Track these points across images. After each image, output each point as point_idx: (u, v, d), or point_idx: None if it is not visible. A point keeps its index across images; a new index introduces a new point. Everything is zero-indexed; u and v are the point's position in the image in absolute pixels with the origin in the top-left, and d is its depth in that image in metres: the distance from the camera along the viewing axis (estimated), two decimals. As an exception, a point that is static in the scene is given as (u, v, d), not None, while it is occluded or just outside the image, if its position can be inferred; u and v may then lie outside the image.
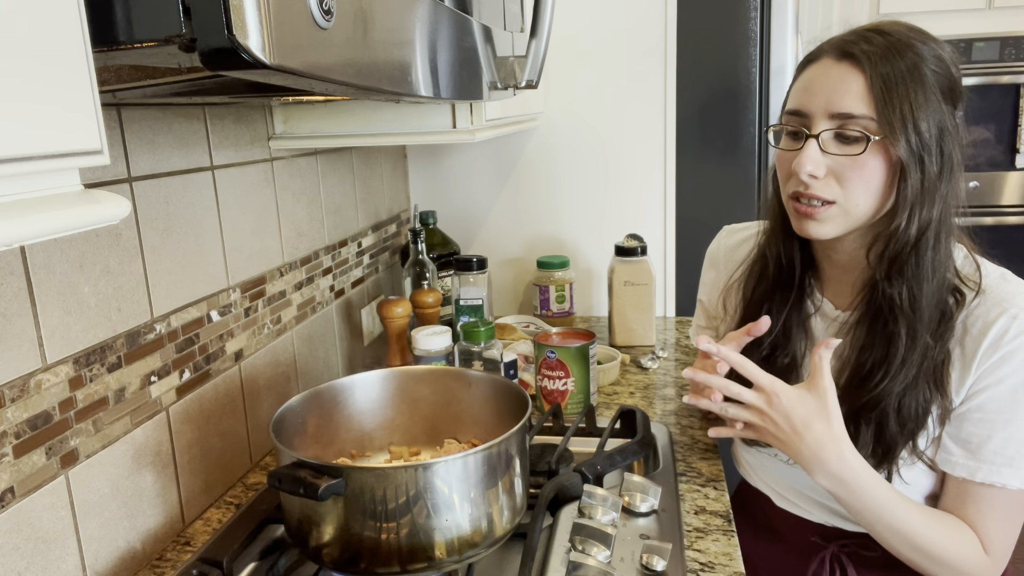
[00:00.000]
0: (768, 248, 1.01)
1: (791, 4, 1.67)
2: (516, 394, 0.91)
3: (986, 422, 0.85)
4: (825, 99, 0.85)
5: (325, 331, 1.39)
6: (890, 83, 0.82)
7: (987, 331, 0.84)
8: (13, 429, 0.72)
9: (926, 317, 0.86)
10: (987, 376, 0.85)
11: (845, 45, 0.86)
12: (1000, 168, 2.59)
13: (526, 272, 1.85)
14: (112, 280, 0.85)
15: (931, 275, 0.86)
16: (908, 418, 0.88)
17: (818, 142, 0.85)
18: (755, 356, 1.01)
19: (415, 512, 0.75)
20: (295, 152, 1.27)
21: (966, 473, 0.86)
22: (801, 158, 0.86)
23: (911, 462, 0.90)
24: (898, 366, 0.87)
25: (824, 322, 1.00)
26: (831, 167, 0.86)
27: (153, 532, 0.92)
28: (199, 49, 0.41)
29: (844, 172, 0.85)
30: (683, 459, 1.09)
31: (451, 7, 0.77)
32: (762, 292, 1.02)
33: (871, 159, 0.84)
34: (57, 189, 0.38)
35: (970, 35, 2.55)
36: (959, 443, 0.87)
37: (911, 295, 0.86)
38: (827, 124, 0.85)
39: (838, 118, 0.84)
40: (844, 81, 0.84)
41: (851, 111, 0.83)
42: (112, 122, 0.85)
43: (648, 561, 0.82)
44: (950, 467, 0.88)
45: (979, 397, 0.85)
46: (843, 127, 0.84)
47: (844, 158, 0.85)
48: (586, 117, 1.73)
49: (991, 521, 0.86)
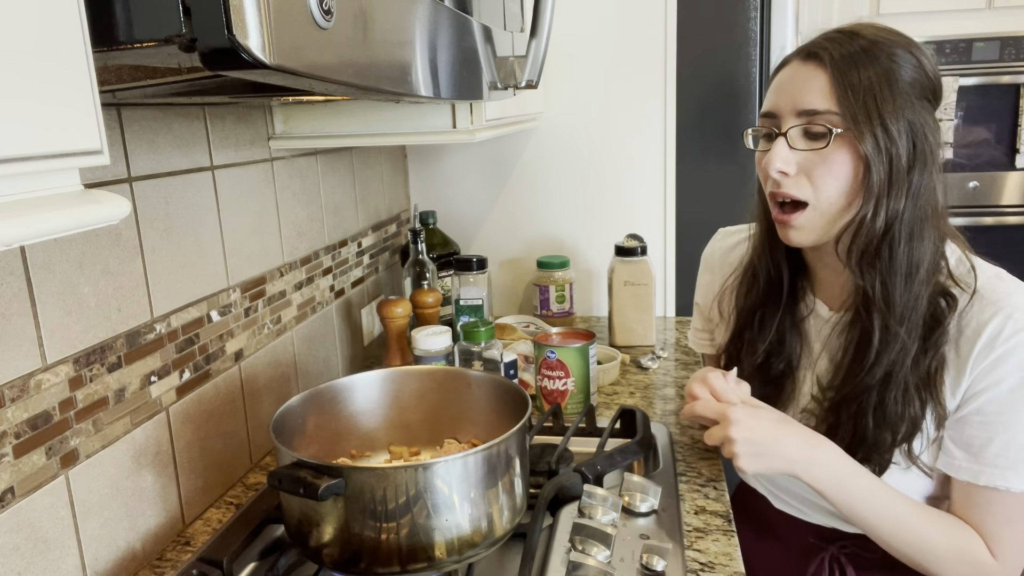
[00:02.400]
0: (757, 256, 1.02)
1: (791, 4, 1.67)
2: (516, 394, 0.91)
3: (986, 425, 0.85)
4: (792, 98, 0.88)
5: (325, 331, 1.39)
6: (852, 78, 0.84)
7: (981, 331, 0.84)
8: (13, 429, 0.72)
9: (899, 312, 0.86)
10: (984, 377, 0.84)
11: (811, 47, 0.89)
12: (1000, 168, 2.59)
13: (526, 272, 1.85)
14: (112, 280, 0.85)
15: (907, 270, 0.85)
16: (890, 419, 0.87)
17: (786, 139, 0.88)
18: (750, 363, 1.02)
19: (415, 512, 0.75)
20: (295, 152, 1.27)
21: (970, 477, 0.86)
22: (770, 156, 0.88)
23: (905, 466, 0.90)
24: (872, 361, 0.87)
25: (818, 324, 1.00)
26: (800, 164, 0.88)
27: (153, 532, 0.92)
28: (199, 49, 0.41)
29: (813, 168, 0.87)
30: (683, 459, 1.09)
31: (451, 7, 0.77)
32: (754, 299, 1.03)
33: (837, 153, 0.85)
34: (57, 189, 0.38)
35: (970, 35, 2.55)
36: (961, 446, 0.87)
37: (884, 289, 0.86)
38: (794, 121, 0.87)
39: (804, 115, 0.86)
40: (808, 79, 0.87)
41: (815, 107, 0.85)
42: (112, 122, 0.85)
43: (648, 561, 0.82)
44: (953, 470, 0.87)
45: (978, 400, 0.85)
46: (809, 123, 0.86)
47: (811, 154, 0.87)
48: (586, 117, 1.73)
49: (997, 524, 0.85)
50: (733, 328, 1.06)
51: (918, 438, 0.88)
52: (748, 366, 1.02)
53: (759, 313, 1.01)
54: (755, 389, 0.99)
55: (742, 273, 1.05)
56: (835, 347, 0.96)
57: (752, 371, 1.01)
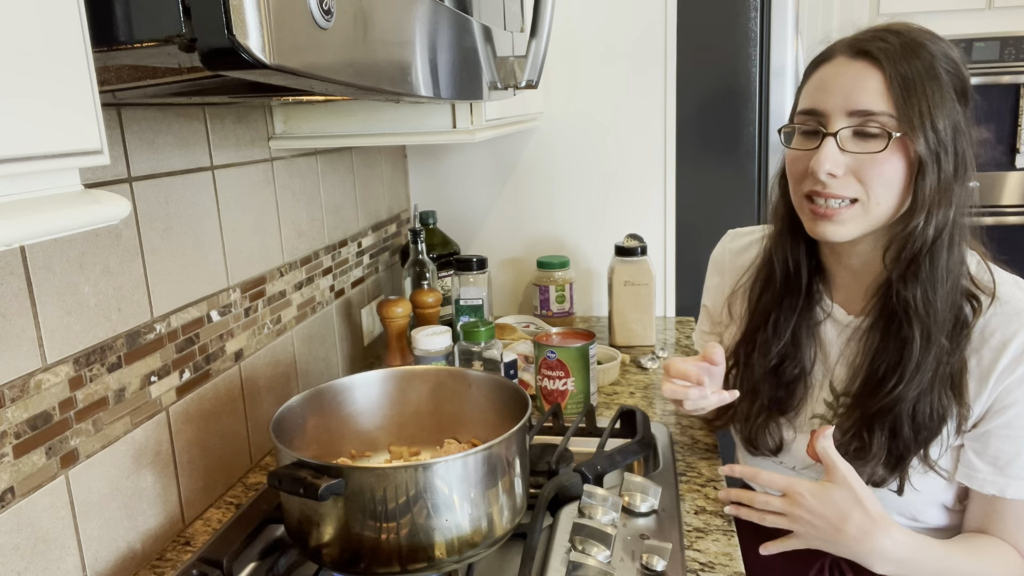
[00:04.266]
0: (775, 253, 0.99)
1: (791, 4, 1.67)
2: (516, 394, 0.91)
3: (1014, 439, 0.84)
4: (843, 97, 0.84)
5: (325, 331, 1.39)
6: (908, 80, 0.81)
7: (1007, 344, 0.83)
8: (13, 429, 0.72)
9: (940, 320, 0.84)
10: (1012, 392, 0.83)
11: (859, 43, 0.85)
12: (1000, 168, 2.59)
13: (526, 272, 1.85)
14: (112, 280, 0.85)
15: (945, 278, 0.85)
16: (923, 424, 0.86)
17: (836, 140, 0.84)
18: (763, 365, 1.00)
19: (415, 512, 0.75)
20: (295, 152, 1.27)
21: (996, 490, 0.85)
22: (819, 156, 0.85)
23: (922, 471, 0.89)
24: (913, 370, 0.85)
25: (835, 329, 0.98)
26: (850, 165, 0.85)
27: (153, 532, 0.92)
28: (199, 49, 0.41)
29: (864, 170, 0.84)
30: (683, 459, 1.09)
31: (451, 7, 0.77)
32: (768, 299, 1.00)
33: (891, 156, 0.83)
34: (57, 189, 0.38)
35: (970, 35, 2.55)
36: (986, 460, 0.86)
37: (925, 298, 0.85)
38: (845, 122, 0.84)
39: (857, 115, 0.83)
40: (862, 78, 0.83)
41: (870, 108, 0.82)
42: (112, 122, 0.85)
43: (648, 561, 0.82)
44: (978, 484, 0.86)
45: (1006, 414, 0.84)
46: (863, 124, 0.83)
47: (864, 156, 0.84)
48: (586, 117, 1.73)
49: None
50: (745, 329, 1.04)
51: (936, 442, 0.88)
52: (760, 368, 1.00)
53: (774, 315, 0.99)
54: (767, 392, 0.99)
55: (755, 273, 1.03)
56: (853, 353, 0.94)
57: (764, 373, 1.00)
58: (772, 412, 1.00)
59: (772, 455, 1.02)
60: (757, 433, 1.01)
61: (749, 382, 1.02)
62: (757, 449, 1.02)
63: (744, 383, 1.02)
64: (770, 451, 1.01)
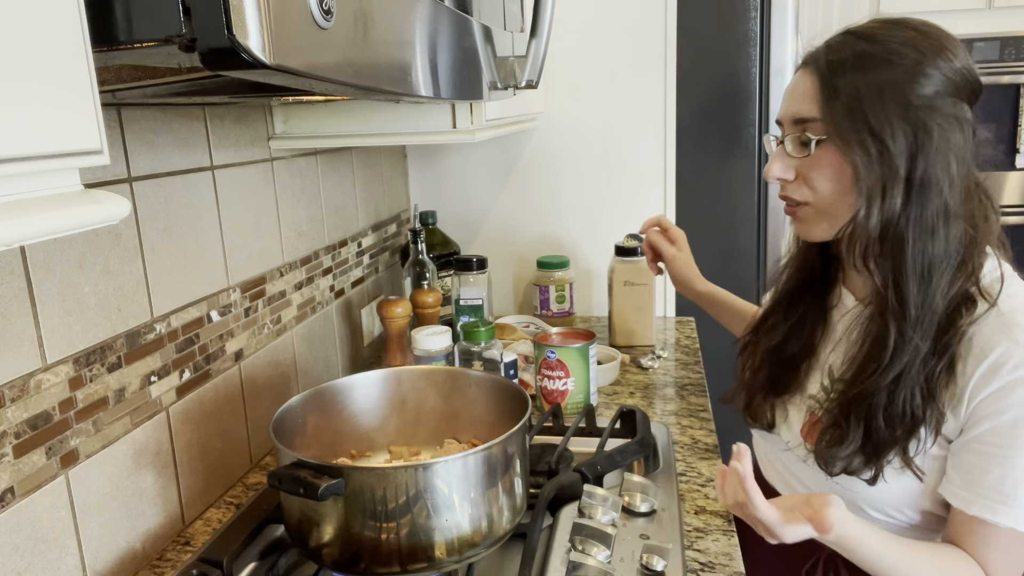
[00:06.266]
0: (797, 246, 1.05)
1: (791, 4, 1.67)
2: (516, 394, 0.91)
3: (985, 455, 0.83)
4: (787, 105, 0.91)
5: (325, 331, 1.39)
6: (839, 83, 0.84)
7: (987, 354, 0.82)
8: (13, 429, 0.72)
9: (914, 316, 0.84)
10: (988, 406, 0.82)
11: (808, 53, 0.90)
12: (1000, 168, 2.59)
13: (526, 272, 1.85)
14: (112, 280, 0.85)
15: (920, 271, 0.84)
16: (896, 420, 0.86)
17: (784, 147, 0.91)
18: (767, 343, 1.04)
19: (415, 512, 0.75)
20: (295, 152, 1.27)
21: (962, 504, 0.84)
22: (769, 165, 0.92)
23: (899, 467, 0.89)
24: (887, 363, 0.86)
25: (840, 312, 1.00)
26: (799, 169, 0.90)
27: (153, 532, 0.92)
28: (199, 49, 0.41)
29: (807, 172, 0.89)
30: (683, 459, 1.09)
31: (451, 7, 0.77)
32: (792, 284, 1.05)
33: (824, 157, 0.87)
34: (57, 189, 0.38)
35: (970, 35, 2.55)
36: (960, 472, 0.85)
37: (897, 290, 0.85)
38: (791, 130, 0.90)
39: (798, 123, 0.89)
40: (799, 86, 0.89)
41: (803, 114, 0.88)
42: (112, 122, 0.85)
43: (648, 561, 0.82)
44: (949, 494, 0.86)
45: (980, 427, 0.83)
46: (803, 131, 0.88)
47: (804, 160, 0.89)
48: (586, 117, 1.74)
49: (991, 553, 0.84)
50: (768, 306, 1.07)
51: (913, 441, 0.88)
52: (764, 346, 1.04)
53: (791, 296, 1.04)
54: (766, 371, 1.01)
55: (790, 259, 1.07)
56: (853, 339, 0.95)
57: (767, 352, 1.03)
58: (769, 390, 1.03)
59: (766, 431, 1.03)
60: (755, 408, 1.04)
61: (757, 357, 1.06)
62: (755, 422, 1.05)
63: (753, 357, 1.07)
64: (765, 427, 1.04)
